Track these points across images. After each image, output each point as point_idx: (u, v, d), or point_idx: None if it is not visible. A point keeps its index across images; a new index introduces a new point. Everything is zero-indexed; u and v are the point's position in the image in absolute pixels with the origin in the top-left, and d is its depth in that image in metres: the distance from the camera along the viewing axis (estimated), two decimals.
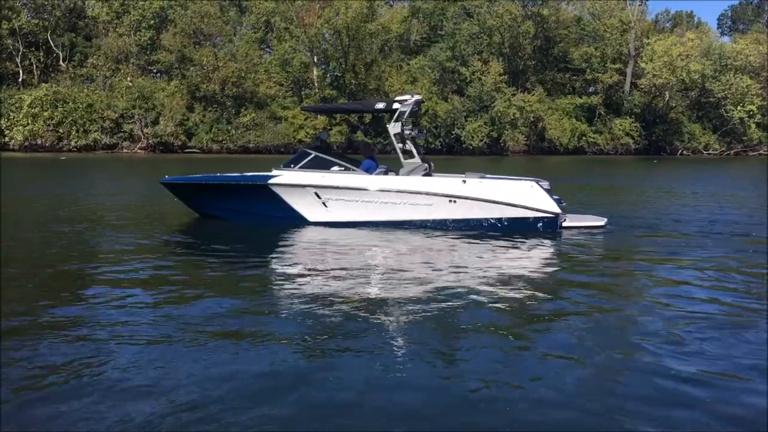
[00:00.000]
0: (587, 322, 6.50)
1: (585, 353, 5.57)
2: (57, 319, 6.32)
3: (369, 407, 4.45)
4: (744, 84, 74.36)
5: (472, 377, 4.99)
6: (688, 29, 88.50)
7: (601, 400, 4.63)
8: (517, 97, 68.90)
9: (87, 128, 58.28)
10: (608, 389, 4.84)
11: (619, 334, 6.18)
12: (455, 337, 5.97)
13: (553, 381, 4.94)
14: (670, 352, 5.57)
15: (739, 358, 5.49)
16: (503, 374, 5.08)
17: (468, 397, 4.64)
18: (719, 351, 5.65)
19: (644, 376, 5.06)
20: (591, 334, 6.10)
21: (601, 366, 5.29)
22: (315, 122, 62.82)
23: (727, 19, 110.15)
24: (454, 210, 12.02)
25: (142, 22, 66.15)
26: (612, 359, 5.46)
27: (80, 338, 5.74)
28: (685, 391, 4.80)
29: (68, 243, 10.78)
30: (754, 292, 7.87)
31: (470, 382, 4.91)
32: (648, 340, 5.91)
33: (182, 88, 61.85)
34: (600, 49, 74.62)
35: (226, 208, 13.05)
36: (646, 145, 76.21)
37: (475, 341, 5.84)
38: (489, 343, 5.81)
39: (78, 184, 23.79)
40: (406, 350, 5.62)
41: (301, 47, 67.66)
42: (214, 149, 60.57)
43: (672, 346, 5.75)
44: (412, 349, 5.63)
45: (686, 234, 12.25)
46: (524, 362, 5.38)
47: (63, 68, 64.08)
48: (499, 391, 4.75)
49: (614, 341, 5.92)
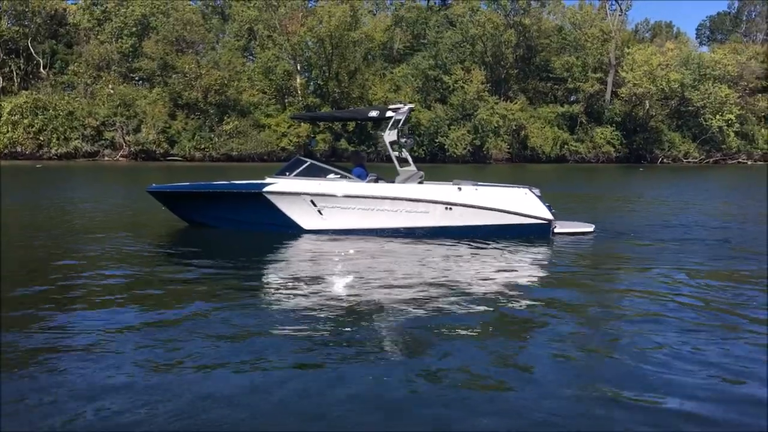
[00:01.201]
0: (581, 326, 6.53)
1: (581, 356, 5.59)
2: (40, 325, 6.23)
3: (355, 413, 4.44)
4: (722, 93, 75.43)
5: (462, 382, 4.99)
6: (667, 39, 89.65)
7: (587, 404, 4.65)
8: (499, 105, 69.40)
9: (68, 136, 57.68)
10: (595, 396, 4.84)
11: (613, 340, 6.20)
12: (446, 344, 5.94)
13: (543, 384, 4.96)
14: (662, 360, 5.60)
15: (727, 364, 5.53)
16: (493, 379, 5.08)
17: (453, 401, 4.63)
18: (712, 357, 5.70)
19: (630, 377, 5.09)
20: (585, 338, 6.13)
21: (589, 370, 5.31)
22: (298, 130, 62.78)
23: (705, 29, 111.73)
24: (450, 217, 12.07)
25: (123, 30, 65.73)
26: (603, 364, 5.48)
27: (62, 349, 5.66)
28: (674, 399, 4.82)
29: (48, 253, 10.64)
30: (727, 299, 7.94)
31: (456, 387, 4.90)
32: (641, 347, 5.94)
33: (164, 95, 61.51)
34: (581, 59, 75.39)
35: (218, 216, 12.89)
36: (626, 153, 76.95)
37: (470, 348, 5.83)
38: (489, 350, 5.80)
39: (55, 193, 23.52)
40: (394, 358, 5.60)
41: (285, 55, 67.65)
42: (196, 157, 60.26)
43: (663, 352, 5.78)
44: (402, 356, 5.62)
45: (671, 240, 12.36)
46: (516, 365, 5.37)
47: (44, 75, 63.57)
48: (488, 395, 4.75)
49: (609, 347, 5.95)
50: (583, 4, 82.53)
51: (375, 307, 7.08)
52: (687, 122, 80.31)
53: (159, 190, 13.48)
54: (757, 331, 6.39)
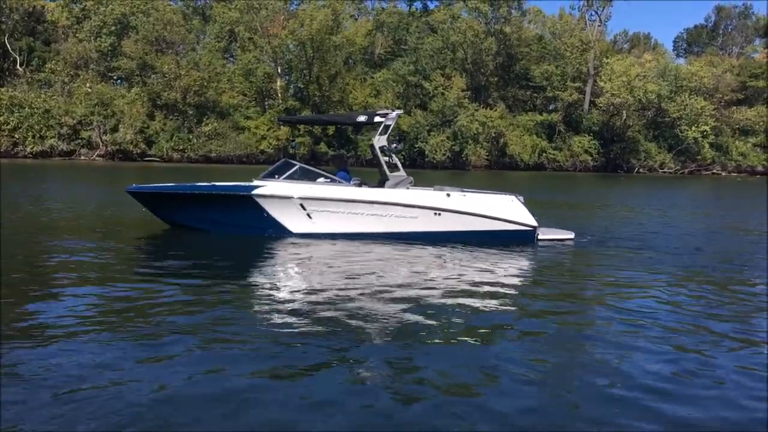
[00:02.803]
0: (567, 329, 6.59)
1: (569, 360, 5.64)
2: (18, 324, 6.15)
3: (341, 416, 4.43)
4: (698, 105, 76.65)
5: (445, 387, 5.00)
6: (645, 50, 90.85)
7: (569, 408, 4.69)
8: (479, 112, 69.79)
9: (43, 134, 56.87)
10: (574, 400, 4.89)
11: (594, 345, 6.26)
12: (429, 349, 5.94)
13: (527, 389, 4.99)
14: (644, 363, 5.67)
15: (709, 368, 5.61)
16: (475, 385, 5.09)
17: (437, 406, 4.64)
18: (691, 359, 5.79)
19: (607, 381, 5.14)
20: (568, 342, 6.19)
21: (567, 375, 5.36)
22: (278, 133, 62.56)
23: (682, 41, 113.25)
24: (438, 222, 12.18)
25: (103, 28, 65.06)
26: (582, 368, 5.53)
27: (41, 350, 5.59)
28: (652, 398, 4.88)
29: (25, 254, 10.49)
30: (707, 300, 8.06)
31: (439, 392, 4.92)
32: (624, 350, 6.01)
33: (143, 95, 60.94)
34: (560, 68, 76.16)
35: (203, 219, 12.56)
36: (603, 162, 77.78)
37: (456, 353, 5.85)
38: (473, 355, 5.82)
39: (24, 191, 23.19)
40: (377, 361, 5.58)
41: (265, 58, 67.44)
42: (174, 158, 59.72)
43: (645, 357, 5.85)
44: (383, 360, 5.60)
45: (649, 247, 12.54)
46: (501, 371, 5.39)
47: (20, 73, 62.65)
48: (471, 401, 4.77)
49: (592, 351, 6.01)
50: (563, 13, 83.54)
51: (359, 312, 7.04)
52: (663, 133, 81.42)
53: (141, 190, 13.05)
54: (728, 332, 6.53)
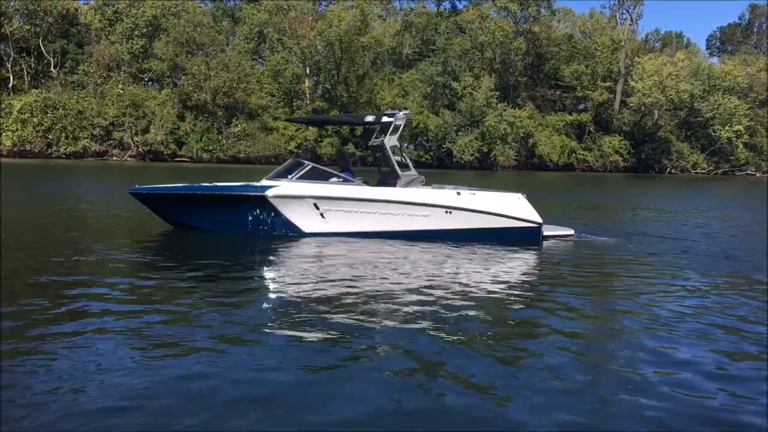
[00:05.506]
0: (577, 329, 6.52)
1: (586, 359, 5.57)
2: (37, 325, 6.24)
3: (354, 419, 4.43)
4: (732, 105, 75.32)
5: (458, 388, 4.97)
6: (677, 49, 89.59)
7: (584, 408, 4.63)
8: (507, 112, 69.40)
9: (77, 135, 58.04)
10: (597, 399, 4.82)
11: (608, 343, 6.17)
12: (442, 349, 5.91)
13: (543, 390, 4.94)
14: (657, 361, 5.58)
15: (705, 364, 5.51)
16: (490, 385, 5.04)
17: (450, 407, 4.61)
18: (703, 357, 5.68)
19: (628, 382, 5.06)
20: (582, 340, 6.12)
21: (588, 375, 5.29)
22: (306, 133, 62.93)
23: (716, 40, 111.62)
24: (449, 220, 12.35)
25: (134, 30, 66.01)
26: (601, 370, 5.45)
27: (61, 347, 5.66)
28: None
29: (50, 251, 10.66)
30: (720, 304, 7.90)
31: (453, 393, 4.88)
32: (634, 351, 5.92)
33: (173, 96, 61.80)
34: (590, 67, 75.37)
35: (213, 220, 12.39)
36: (634, 163, 76.89)
37: (468, 353, 5.81)
38: (488, 355, 5.77)
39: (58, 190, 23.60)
40: (392, 362, 5.55)
41: (294, 59, 67.89)
42: (204, 158, 60.45)
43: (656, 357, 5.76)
44: (398, 362, 5.56)
45: (662, 250, 12.40)
46: (515, 372, 5.33)
47: (54, 74, 63.89)
48: (484, 402, 4.73)
49: (605, 351, 5.93)
50: (594, 12, 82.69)
51: (372, 311, 7.04)
52: (696, 133, 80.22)
53: (144, 191, 12.85)
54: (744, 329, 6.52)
